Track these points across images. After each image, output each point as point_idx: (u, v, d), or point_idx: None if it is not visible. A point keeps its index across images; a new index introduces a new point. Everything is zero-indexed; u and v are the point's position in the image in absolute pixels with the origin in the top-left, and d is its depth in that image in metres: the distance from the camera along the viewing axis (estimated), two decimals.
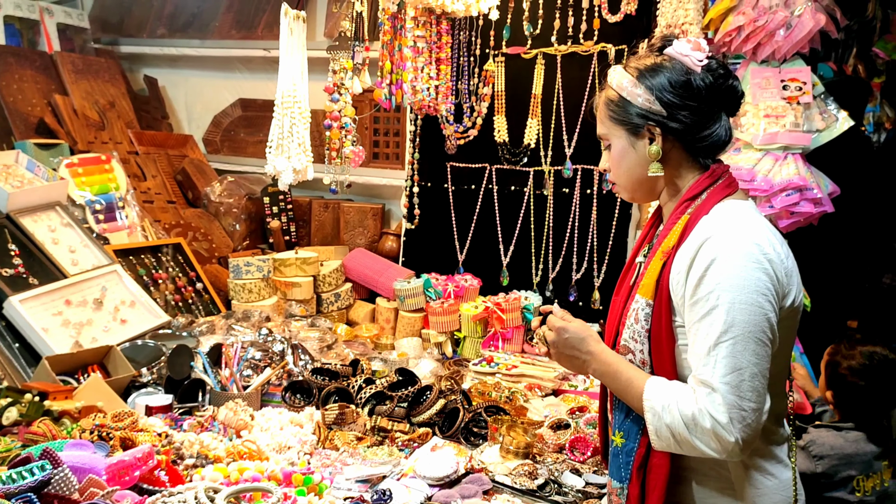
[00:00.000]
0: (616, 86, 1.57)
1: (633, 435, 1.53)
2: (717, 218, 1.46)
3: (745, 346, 1.36)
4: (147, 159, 3.96)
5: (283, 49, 2.82)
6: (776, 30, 2.55)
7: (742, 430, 1.35)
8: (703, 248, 1.42)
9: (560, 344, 1.62)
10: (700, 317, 1.40)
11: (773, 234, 1.47)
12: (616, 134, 1.59)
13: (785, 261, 1.44)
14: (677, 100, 1.50)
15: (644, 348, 1.51)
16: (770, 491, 1.51)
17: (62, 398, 2.18)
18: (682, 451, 1.44)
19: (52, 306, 2.72)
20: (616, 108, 1.57)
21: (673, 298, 1.48)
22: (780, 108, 2.60)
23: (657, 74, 1.51)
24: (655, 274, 1.50)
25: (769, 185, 2.53)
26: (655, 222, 1.70)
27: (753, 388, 1.36)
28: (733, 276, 1.38)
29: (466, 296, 3.35)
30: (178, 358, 2.54)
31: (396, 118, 3.86)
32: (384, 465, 2.07)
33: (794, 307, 1.47)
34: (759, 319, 1.37)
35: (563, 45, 3.30)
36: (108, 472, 1.63)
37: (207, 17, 4.47)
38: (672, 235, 1.50)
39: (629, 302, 1.58)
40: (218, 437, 2.11)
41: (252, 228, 3.93)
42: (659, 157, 1.53)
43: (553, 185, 3.39)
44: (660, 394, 1.44)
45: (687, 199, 1.53)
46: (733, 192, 1.53)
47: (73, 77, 3.92)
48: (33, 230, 2.90)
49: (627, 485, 1.54)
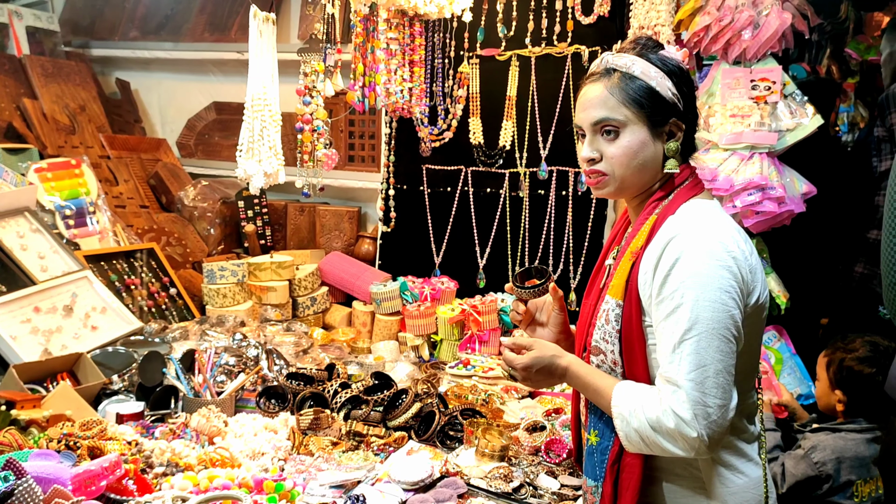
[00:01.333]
0: (641, 73, 1.49)
1: (607, 433, 1.54)
2: (682, 217, 1.46)
3: (710, 342, 1.37)
4: (119, 163, 3.91)
5: (252, 51, 2.79)
6: (742, 29, 2.57)
7: (707, 426, 1.35)
8: (669, 247, 1.42)
9: (533, 378, 1.62)
10: (665, 315, 1.41)
11: (738, 232, 1.48)
12: (637, 123, 1.50)
13: (749, 258, 1.45)
14: (691, 98, 1.53)
15: (615, 349, 1.51)
16: (741, 489, 1.51)
17: (30, 407, 2.14)
18: (654, 453, 1.44)
19: (20, 313, 2.68)
20: (643, 96, 1.49)
21: (642, 298, 1.48)
22: (747, 107, 2.63)
23: (674, 70, 1.51)
24: (625, 274, 1.50)
25: (729, 185, 2.55)
26: (624, 224, 1.70)
27: (718, 385, 1.36)
28: (697, 274, 1.38)
29: (443, 298, 3.34)
30: (149, 364, 2.51)
31: (372, 121, 3.85)
32: (359, 471, 2.06)
33: (759, 304, 1.48)
34: (722, 317, 1.37)
35: (538, 46, 3.30)
36: (73, 483, 1.60)
37: (180, 19, 4.43)
38: (640, 236, 1.51)
39: (599, 303, 1.58)
40: (190, 444, 2.08)
41: (227, 232, 3.90)
42: (678, 153, 1.52)
43: (528, 187, 3.40)
44: (626, 399, 1.45)
45: (655, 200, 1.54)
46: (699, 192, 1.54)
47: (42, 81, 3.87)
48: (1, 236, 2.85)
49: (602, 483, 1.55)
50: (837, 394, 2.43)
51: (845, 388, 2.42)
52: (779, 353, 2.84)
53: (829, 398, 2.46)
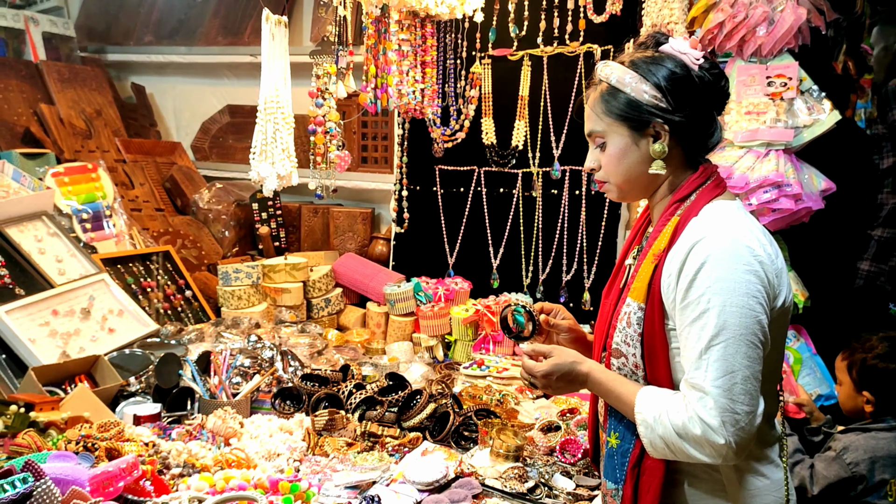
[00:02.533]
0: (616, 82, 1.52)
1: (628, 436, 1.52)
2: (706, 220, 1.44)
3: (737, 348, 1.35)
4: (135, 167, 3.95)
5: (265, 54, 2.81)
6: (757, 26, 2.55)
7: (735, 433, 1.33)
8: (694, 250, 1.40)
9: (554, 385, 1.61)
10: (691, 320, 1.39)
11: (763, 234, 1.46)
12: (617, 131, 1.53)
13: (775, 261, 1.43)
14: (682, 96, 1.48)
15: (636, 352, 1.50)
16: (761, 492, 1.49)
17: (48, 409, 2.17)
18: (679, 459, 1.43)
19: (38, 317, 2.70)
20: (619, 105, 1.51)
21: (665, 302, 1.46)
22: (762, 104, 2.60)
23: (661, 69, 1.49)
24: (647, 277, 1.49)
25: (745, 183, 2.53)
26: (644, 223, 1.68)
27: (746, 391, 1.35)
28: (724, 279, 1.36)
29: (457, 299, 3.34)
30: (166, 366, 2.53)
31: (384, 122, 3.86)
32: (374, 471, 2.06)
33: (784, 307, 1.46)
34: (750, 322, 1.35)
35: (549, 46, 3.29)
36: (91, 484, 1.62)
37: (194, 23, 4.46)
38: (662, 237, 1.49)
39: (619, 305, 1.56)
40: (206, 445, 2.10)
41: (241, 235, 3.92)
42: (664, 154, 1.51)
43: (542, 187, 3.39)
44: (650, 405, 1.43)
45: (677, 200, 1.52)
46: (722, 192, 1.51)
47: (59, 86, 3.91)
48: (19, 240, 2.88)
49: (622, 486, 1.53)
50: (865, 395, 2.39)
51: (872, 388, 2.38)
52: (798, 353, 2.81)
53: (856, 401, 2.42)
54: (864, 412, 2.41)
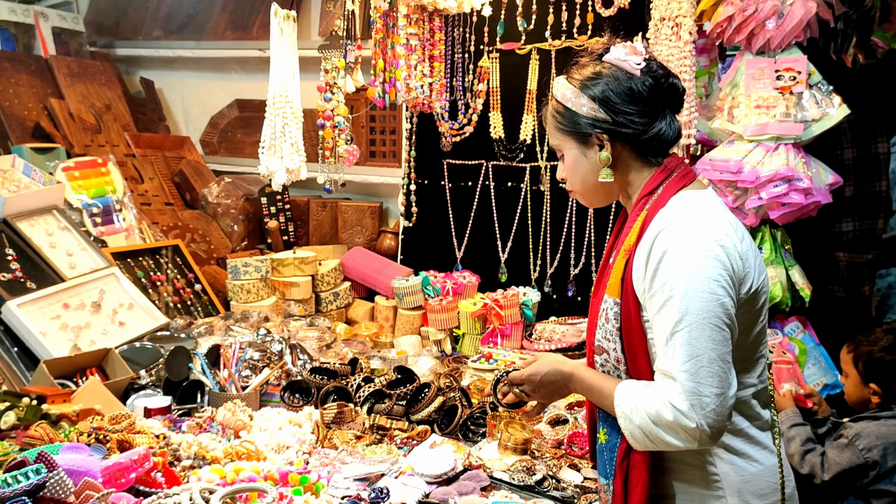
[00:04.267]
0: (560, 97, 1.59)
1: (615, 431, 1.54)
2: (671, 210, 1.48)
3: (701, 332, 1.37)
4: (144, 161, 3.97)
5: (273, 49, 2.81)
6: (766, 19, 2.54)
7: (704, 416, 1.35)
8: (657, 240, 1.44)
9: (541, 386, 1.67)
10: (658, 308, 1.42)
11: (728, 220, 1.48)
12: (567, 144, 1.61)
13: (738, 245, 1.44)
14: (621, 105, 1.52)
15: (617, 347, 1.53)
16: (754, 477, 1.51)
17: (60, 401, 2.19)
18: (659, 449, 1.45)
19: (49, 310, 2.73)
20: (563, 120, 1.59)
21: (637, 294, 1.49)
22: (772, 98, 2.59)
23: (598, 83, 1.53)
24: (620, 272, 1.52)
25: (755, 177, 2.52)
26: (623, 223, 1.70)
27: (713, 374, 1.37)
28: (685, 265, 1.39)
29: (465, 293, 3.35)
30: (176, 360, 2.54)
31: (392, 116, 3.86)
32: (382, 464, 2.07)
33: (754, 291, 1.47)
34: (713, 306, 1.38)
35: (558, 40, 3.29)
36: (103, 475, 1.64)
37: (202, 18, 4.47)
38: (633, 233, 1.52)
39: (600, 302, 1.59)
40: (216, 437, 2.12)
41: (250, 229, 3.94)
42: (609, 162, 1.55)
43: (550, 181, 3.39)
44: (627, 398, 1.47)
45: (643, 196, 1.55)
46: (689, 182, 1.54)
47: (68, 81, 3.93)
48: (30, 234, 2.90)
49: (612, 480, 1.55)
50: (872, 387, 2.42)
51: (879, 380, 2.40)
52: (803, 344, 2.81)
53: (863, 392, 2.45)
54: (871, 403, 2.43)
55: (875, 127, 2.81)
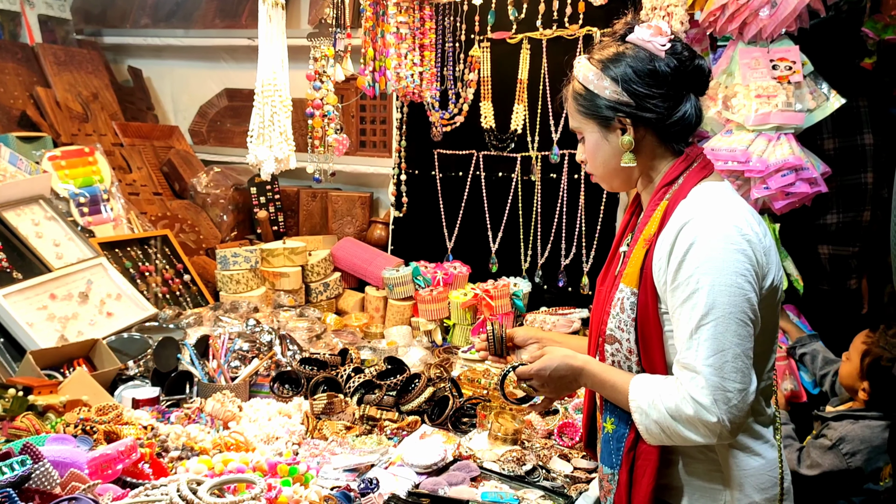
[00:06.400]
0: (582, 79, 1.56)
1: (623, 420, 1.53)
2: (694, 201, 1.46)
3: (727, 327, 1.36)
4: (132, 151, 3.93)
5: (262, 37, 2.78)
6: (760, 8, 2.53)
7: (727, 411, 1.35)
8: (682, 232, 1.42)
9: (550, 381, 1.63)
10: (681, 301, 1.40)
11: (751, 214, 1.47)
12: (588, 128, 1.59)
13: (763, 240, 1.44)
14: (644, 88, 1.49)
15: (631, 337, 1.51)
16: (756, 471, 1.51)
17: (47, 392, 2.17)
18: (675, 443, 1.44)
19: (36, 300, 2.70)
20: (585, 102, 1.56)
21: (657, 285, 1.47)
22: (772, 87, 2.58)
23: (621, 64, 1.50)
24: (639, 262, 1.50)
25: (765, 166, 2.51)
26: (635, 210, 1.69)
27: (737, 369, 1.36)
28: (713, 259, 1.38)
29: (455, 283, 3.34)
30: (164, 350, 2.53)
31: (383, 105, 3.84)
32: (372, 454, 2.07)
33: (773, 286, 1.47)
34: (739, 300, 1.37)
35: (549, 29, 3.27)
36: (90, 466, 1.62)
37: (191, 6, 4.43)
38: (653, 222, 1.50)
39: (613, 291, 1.57)
40: (205, 428, 2.10)
41: (239, 219, 3.91)
42: (632, 147, 1.53)
43: (541, 171, 3.38)
44: (643, 392, 1.45)
45: (664, 185, 1.53)
46: (709, 173, 1.53)
47: (55, 69, 3.89)
48: (17, 224, 2.87)
49: (618, 470, 1.55)
50: (865, 384, 2.41)
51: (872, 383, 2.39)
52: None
53: (856, 384, 2.44)
54: (858, 396, 2.43)
55: (860, 117, 2.80)
